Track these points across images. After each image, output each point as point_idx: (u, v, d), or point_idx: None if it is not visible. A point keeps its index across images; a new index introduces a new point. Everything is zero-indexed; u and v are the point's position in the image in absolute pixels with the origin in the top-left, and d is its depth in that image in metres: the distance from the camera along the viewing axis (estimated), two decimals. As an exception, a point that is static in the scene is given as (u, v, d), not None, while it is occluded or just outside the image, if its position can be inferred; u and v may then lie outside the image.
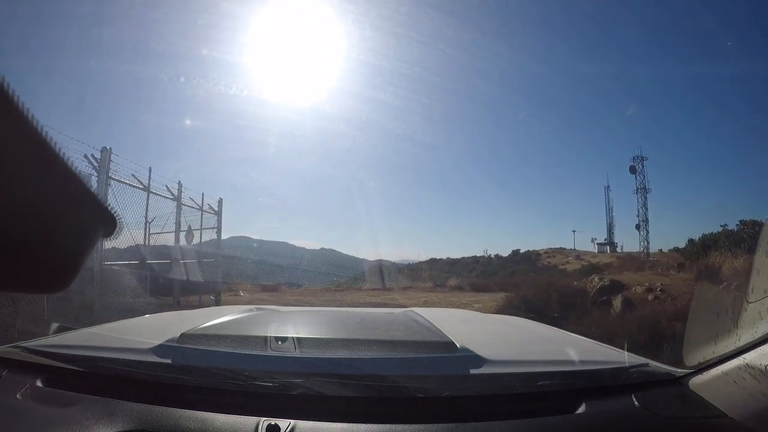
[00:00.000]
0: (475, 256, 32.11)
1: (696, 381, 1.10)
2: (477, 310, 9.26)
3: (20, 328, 4.43)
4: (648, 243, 29.55)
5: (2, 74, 0.38)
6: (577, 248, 34.01)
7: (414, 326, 1.62)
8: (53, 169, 0.45)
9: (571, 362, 1.25)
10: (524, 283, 16.51)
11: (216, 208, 12.18)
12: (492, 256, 32.46)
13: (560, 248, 33.71)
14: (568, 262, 30.64)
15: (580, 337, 1.80)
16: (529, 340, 1.79)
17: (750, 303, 0.99)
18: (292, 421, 0.98)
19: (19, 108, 0.39)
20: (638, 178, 30.49)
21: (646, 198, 30.29)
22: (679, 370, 1.17)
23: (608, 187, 33.98)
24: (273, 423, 0.97)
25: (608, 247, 33.37)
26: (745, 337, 0.97)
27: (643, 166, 30.42)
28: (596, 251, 33.21)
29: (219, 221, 12.20)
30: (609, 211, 34.26)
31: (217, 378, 1.11)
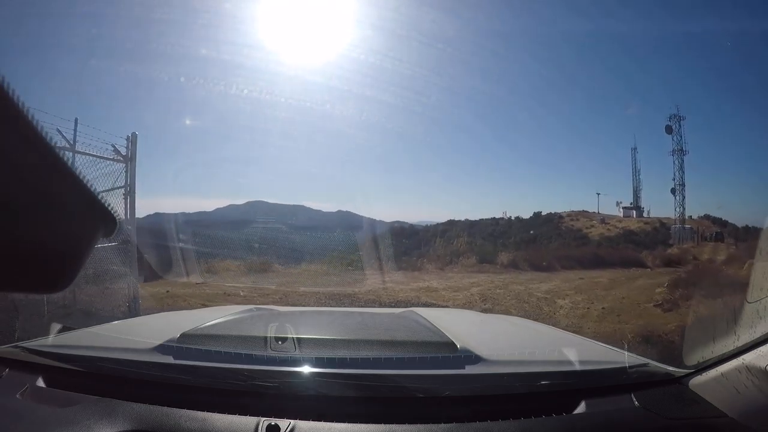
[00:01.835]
0: (494, 217, 28.62)
1: (696, 381, 1.10)
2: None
3: (20, 328, 4.31)
4: (684, 209, 26.61)
5: (2, 74, 0.38)
6: (600, 211, 30.99)
7: (415, 327, 1.61)
8: (53, 168, 0.45)
9: (571, 362, 1.23)
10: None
11: (124, 152, 6.07)
12: (512, 218, 29.05)
13: (583, 211, 30.60)
14: (592, 226, 27.75)
15: (580, 337, 1.85)
16: (530, 340, 1.77)
17: (749, 303, 0.99)
18: (292, 421, 0.97)
19: (19, 108, 0.39)
20: (675, 138, 26.92)
21: (682, 160, 26.99)
22: (678, 370, 1.17)
23: (635, 148, 30.61)
24: (273, 423, 0.96)
25: (634, 212, 30.45)
26: (744, 337, 0.97)
27: (680, 125, 26.90)
28: (621, 215, 30.26)
29: (130, 175, 6.15)
30: (636, 173, 31.01)
31: (217, 378, 1.10)
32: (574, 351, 1.28)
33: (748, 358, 0.93)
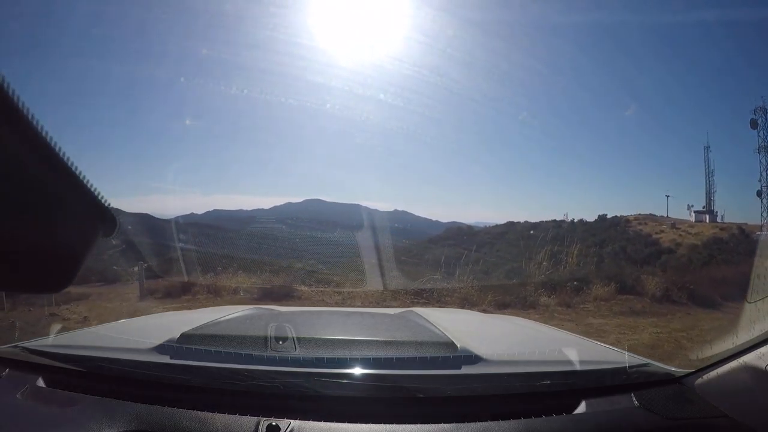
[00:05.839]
0: (555, 219, 25.94)
1: (696, 381, 1.09)
2: None
3: (20, 328, 4.31)
4: (773, 214, 23.31)
5: (2, 74, 0.37)
6: (670, 215, 27.92)
7: (414, 327, 1.60)
8: (53, 168, 0.45)
9: (572, 362, 1.22)
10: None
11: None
12: (574, 220, 26.40)
13: (650, 214, 27.51)
14: (662, 231, 24.81)
15: (580, 337, 1.79)
16: (530, 340, 1.75)
17: (749, 303, 0.99)
18: (292, 421, 0.97)
19: (19, 108, 0.39)
20: (761, 134, 23.67)
21: (770, 159, 23.65)
22: (679, 370, 1.16)
23: (708, 147, 27.73)
24: (273, 423, 0.96)
25: (707, 216, 27.28)
26: (743, 337, 0.97)
27: (767, 119, 23.45)
28: (693, 220, 27.16)
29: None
30: (709, 174, 27.90)
31: (216, 378, 1.10)
32: (574, 351, 1.27)
33: (747, 358, 0.94)
